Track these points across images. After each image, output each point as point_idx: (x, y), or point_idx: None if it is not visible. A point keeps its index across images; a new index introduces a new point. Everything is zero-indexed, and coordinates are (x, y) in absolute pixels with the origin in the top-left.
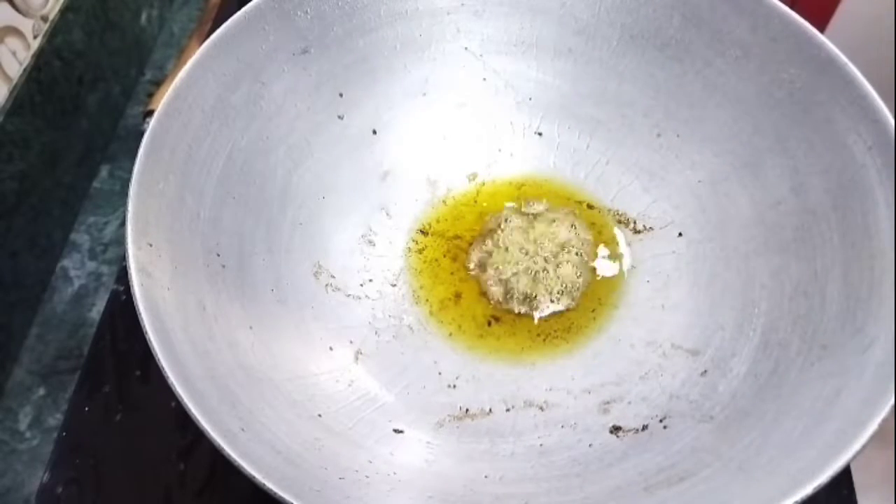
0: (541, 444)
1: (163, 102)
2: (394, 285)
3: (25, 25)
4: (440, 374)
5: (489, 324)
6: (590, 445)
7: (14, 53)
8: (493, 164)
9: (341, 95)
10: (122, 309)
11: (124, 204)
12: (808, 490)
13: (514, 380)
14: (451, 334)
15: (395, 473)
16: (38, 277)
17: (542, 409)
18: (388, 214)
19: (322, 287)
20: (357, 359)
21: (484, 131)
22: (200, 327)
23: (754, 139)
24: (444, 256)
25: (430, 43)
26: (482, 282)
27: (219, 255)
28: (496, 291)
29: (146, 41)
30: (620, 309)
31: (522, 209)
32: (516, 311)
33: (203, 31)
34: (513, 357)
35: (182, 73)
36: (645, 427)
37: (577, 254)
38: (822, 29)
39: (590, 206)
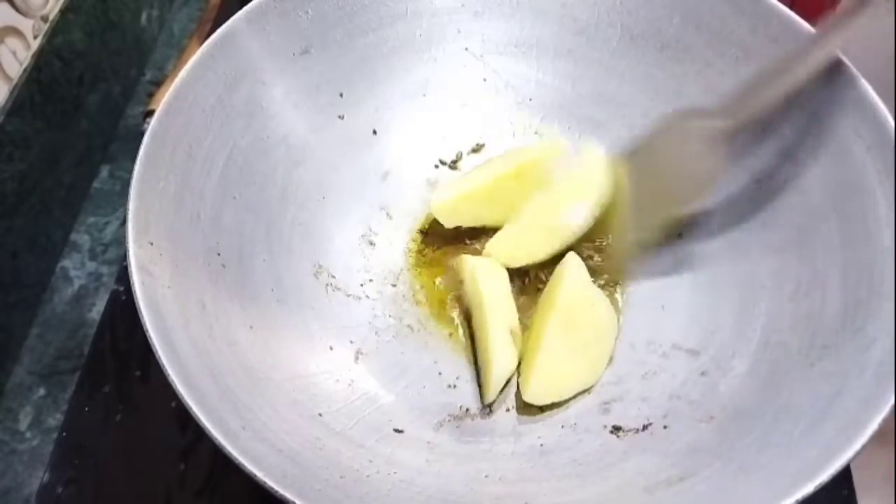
0: (541, 444)
1: (163, 102)
2: (394, 285)
3: (25, 25)
4: (440, 374)
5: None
6: (590, 445)
7: (14, 53)
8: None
9: (341, 95)
10: (122, 309)
11: (124, 204)
12: (808, 490)
13: (514, 380)
14: (451, 334)
15: (395, 473)
16: (38, 277)
17: (541, 409)
18: (388, 214)
19: (322, 287)
20: (357, 359)
21: (484, 131)
22: (201, 326)
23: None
24: (445, 256)
25: (430, 43)
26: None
27: (219, 255)
28: None
29: (146, 41)
30: (620, 309)
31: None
32: None
33: (203, 31)
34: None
35: (182, 73)
36: (645, 427)
37: None
38: None
39: None
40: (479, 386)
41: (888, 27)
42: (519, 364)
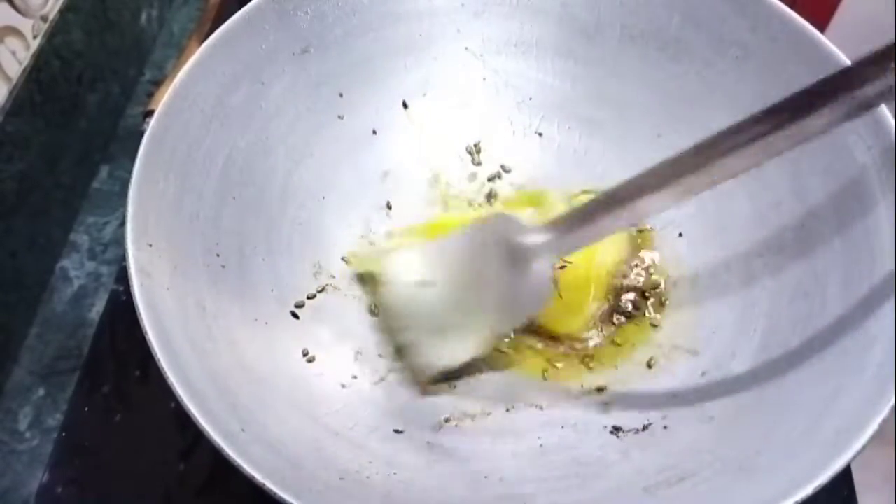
0: (541, 445)
1: (163, 102)
2: None
3: (25, 25)
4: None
5: None
6: (590, 445)
7: (14, 53)
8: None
9: (341, 95)
10: (122, 309)
11: (124, 204)
12: (808, 490)
13: (515, 379)
14: None
15: (395, 474)
16: (38, 277)
17: (541, 409)
18: (388, 214)
19: (322, 287)
20: (357, 359)
21: (484, 131)
22: (200, 327)
23: None
24: None
25: (430, 43)
26: None
27: (219, 256)
28: None
29: (146, 41)
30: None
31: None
32: None
33: (203, 31)
34: (513, 356)
35: (182, 73)
36: (645, 427)
37: None
38: (822, 29)
39: None
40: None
41: (887, 25)
42: None
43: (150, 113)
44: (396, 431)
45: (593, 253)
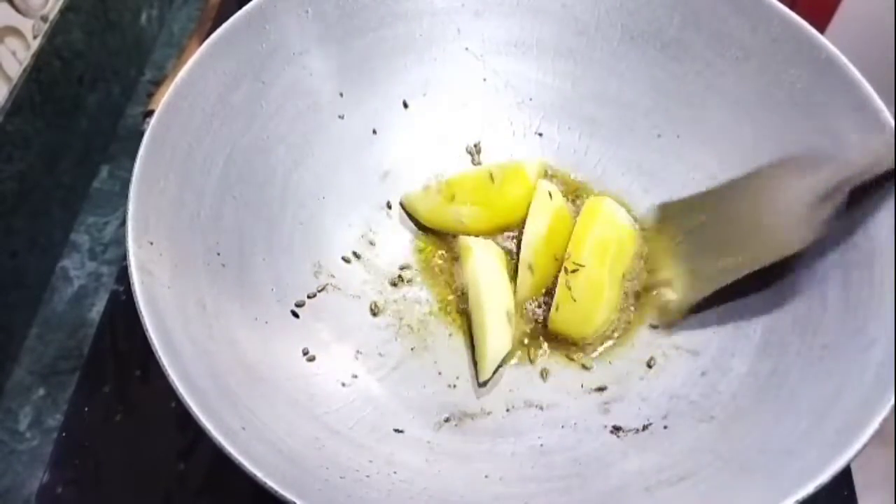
0: (541, 444)
1: (163, 102)
2: (394, 285)
3: (25, 25)
4: (440, 374)
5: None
6: (590, 445)
7: (14, 53)
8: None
9: (341, 95)
10: (122, 309)
11: (124, 204)
12: (808, 490)
13: (515, 380)
14: (450, 334)
15: (395, 473)
16: (38, 277)
17: (542, 409)
18: (388, 214)
19: (322, 286)
20: (357, 358)
21: (484, 131)
22: (201, 326)
23: (754, 140)
24: (444, 256)
25: (430, 43)
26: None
27: (219, 255)
28: None
29: (146, 41)
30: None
31: None
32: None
33: (203, 31)
34: (513, 357)
35: (182, 73)
36: (645, 427)
37: None
38: (822, 29)
39: None
40: (475, 364)
41: (887, 25)
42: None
43: (150, 113)
44: (397, 431)
45: (607, 257)
